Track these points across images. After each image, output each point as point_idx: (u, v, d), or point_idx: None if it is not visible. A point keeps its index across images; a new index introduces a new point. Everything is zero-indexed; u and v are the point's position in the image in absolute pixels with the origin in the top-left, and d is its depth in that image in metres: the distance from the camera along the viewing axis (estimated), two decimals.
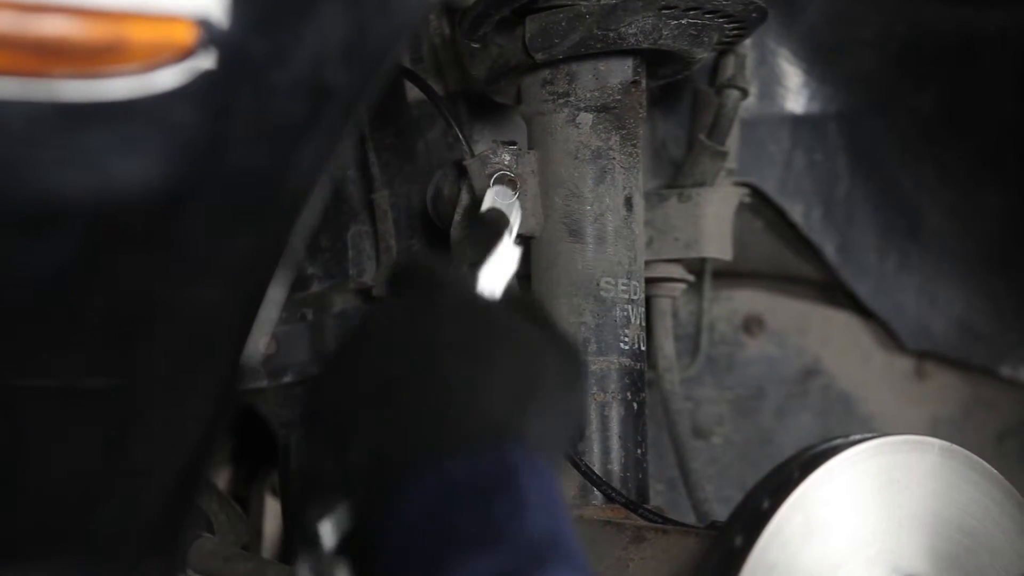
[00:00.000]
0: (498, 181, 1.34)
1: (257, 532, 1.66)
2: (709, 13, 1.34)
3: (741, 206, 1.64)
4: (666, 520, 1.31)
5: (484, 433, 1.03)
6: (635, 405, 1.37)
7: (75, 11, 0.84)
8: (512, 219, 1.26)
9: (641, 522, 1.31)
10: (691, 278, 1.65)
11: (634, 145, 1.38)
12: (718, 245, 1.59)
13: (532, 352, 1.08)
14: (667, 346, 1.69)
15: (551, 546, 0.99)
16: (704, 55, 1.38)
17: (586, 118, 1.36)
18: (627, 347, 1.36)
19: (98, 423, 0.98)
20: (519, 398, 1.05)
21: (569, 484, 1.35)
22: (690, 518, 1.59)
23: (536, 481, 1.02)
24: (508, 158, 1.32)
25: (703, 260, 1.65)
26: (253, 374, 1.45)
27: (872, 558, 1.16)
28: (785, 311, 1.80)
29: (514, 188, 1.34)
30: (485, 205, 1.31)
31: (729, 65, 1.62)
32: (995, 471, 1.21)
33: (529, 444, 1.04)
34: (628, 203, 1.38)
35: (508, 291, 1.15)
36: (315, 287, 1.55)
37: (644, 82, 1.39)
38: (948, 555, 1.19)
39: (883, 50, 1.72)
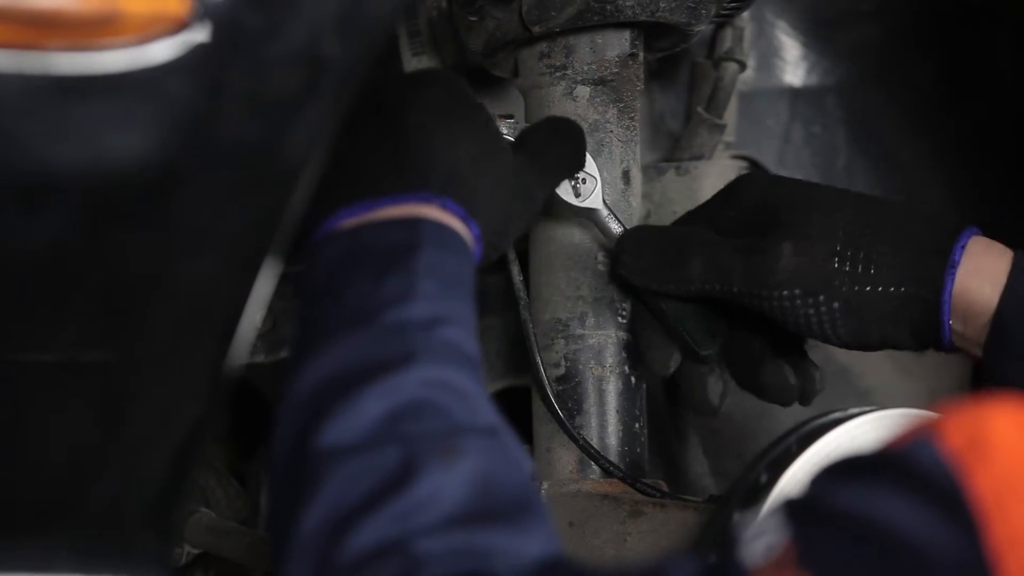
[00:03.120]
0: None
1: (254, 507, 1.66)
2: None
3: None
4: (664, 494, 1.31)
5: (419, 173, 1.10)
6: (633, 379, 1.37)
7: None
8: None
9: (639, 496, 1.31)
10: None
11: (631, 118, 1.38)
12: None
13: (499, 140, 1.19)
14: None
15: (424, 339, 1.00)
16: (702, 27, 1.37)
17: (583, 91, 1.36)
18: (625, 321, 1.36)
19: (95, 397, 0.98)
20: (471, 155, 1.13)
21: (567, 459, 1.35)
22: (688, 492, 1.59)
23: (441, 262, 1.06)
24: (505, 131, 1.32)
25: None
26: (250, 348, 1.45)
27: None
28: None
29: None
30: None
31: (727, 38, 1.62)
32: None
33: (467, 201, 1.10)
34: (626, 176, 1.38)
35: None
36: None
37: (642, 55, 1.38)
38: None
39: (882, 22, 1.72)
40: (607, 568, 0.90)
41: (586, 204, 1.31)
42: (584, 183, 1.31)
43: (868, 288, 1.22)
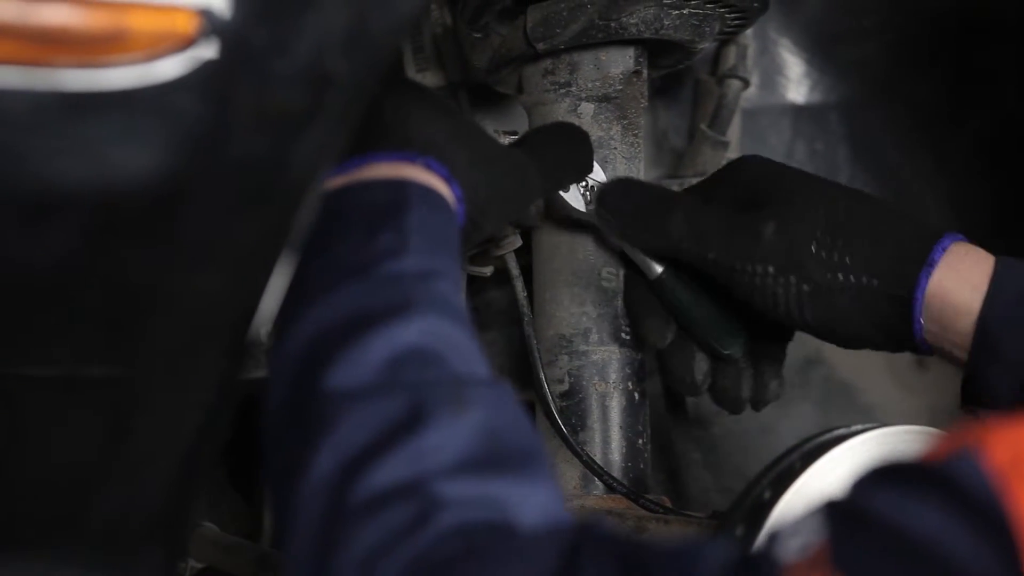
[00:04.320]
0: None
1: (259, 522, 1.66)
2: (711, 3, 1.34)
3: None
4: (667, 510, 1.31)
5: (401, 138, 1.11)
6: (636, 395, 1.37)
7: (77, 0, 0.84)
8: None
9: (642, 512, 1.31)
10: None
11: (635, 135, 1.38)
12: None
13: (476, 127, 1.20)
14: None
15: (421, 290, 1.01)
16: (706, 45, 1.38)
17: (587, 108, 1.36)
18: (628, 337, 1.36)
19: (100, 412, 0.98)
20: (448, 131, 1.14)
21: (570, 474, 1.35)
22: (691, 508, 1.59)
23: (429, 220, 1.07)
24: None
25: None
26: (255, 363, 1.45)
27: None
28: None
29: None
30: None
31: (730, 55, 1.62)
32: None
33: (448, 165, 1.12)
34: None
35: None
36: None
37: (645, 72, 1.39)
38: None
39: (884, 40, 1.72)
40: (634, 538, 0.90)
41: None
42: (593, 190, 1.31)
43: (840, 276, 1.23)
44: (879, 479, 0.82)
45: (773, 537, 0.81)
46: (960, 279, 1.20)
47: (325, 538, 0.91)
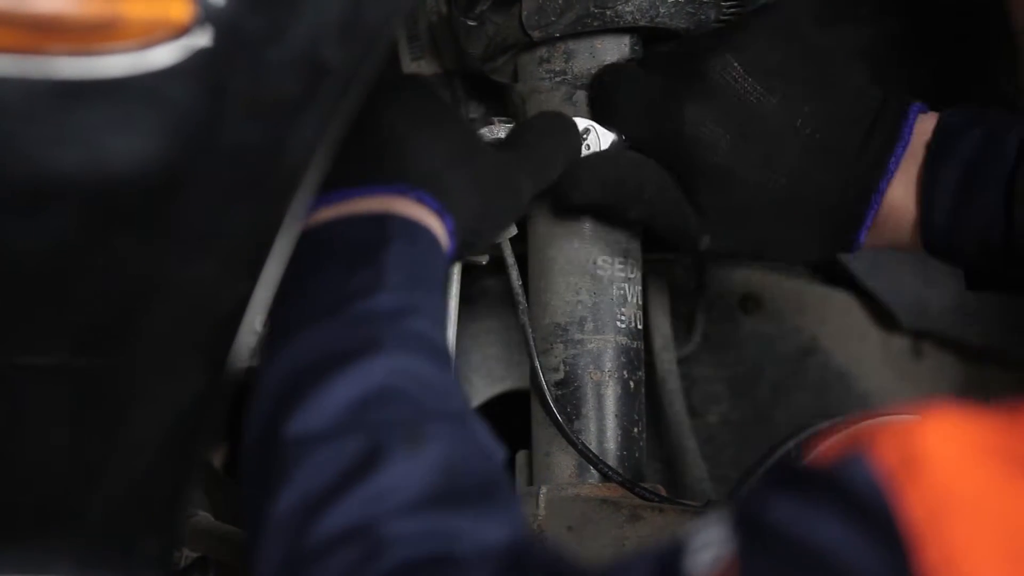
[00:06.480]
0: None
1: None
2: None
3: None
4: (663, 499, 1.31)
5: (395, 167, 1.11)
6: (632, 384, 1.37)
7: None
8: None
9: (638, 501, 1.31)
10: (688, 257, 1.65)
11: None
12: None
13: (474, 141, 1.19)
14: (664, 324, 1.69)
15: (392, 328, 1.02)
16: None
17: (583, 96, 1.36)
18: (624, 326, 1.36)
19: (94, 401, 0.98)
20: (445, 154, 1.14)
21: (566, 463, 1.35)
22: (687, 497, 1.59)
23: (409, 255, 1.07)
24: (504, 135, 1.32)
25: None
26: (249, 352, 1.45)
27: None
28: (782, 289, 1.80)
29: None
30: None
31: None
32: None
33: (443, 197, 1.12)
34: None
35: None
36: None
37: None
38: None
39: (880, 26, 1.72)
40: (571, 558, 0.90)
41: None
42: (587, 136, 1.31)
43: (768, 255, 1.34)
44: (776, 485, 0.81)
45: (685, 549, 0.81)
46: (895, 227, 1.30)
47: None
